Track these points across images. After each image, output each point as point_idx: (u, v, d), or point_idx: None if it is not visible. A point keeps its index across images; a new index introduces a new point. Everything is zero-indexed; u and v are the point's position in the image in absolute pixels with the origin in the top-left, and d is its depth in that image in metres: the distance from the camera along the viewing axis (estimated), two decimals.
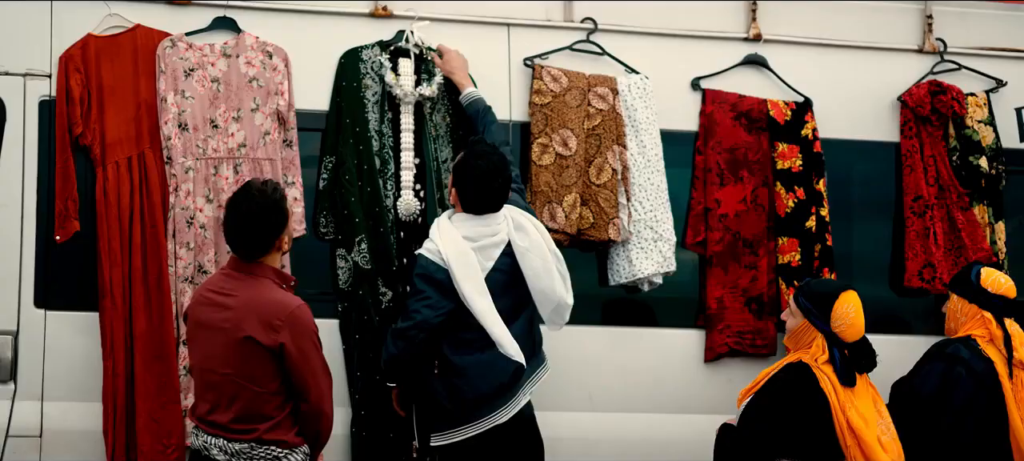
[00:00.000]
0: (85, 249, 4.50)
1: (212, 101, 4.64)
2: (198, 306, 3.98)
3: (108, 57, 4.58)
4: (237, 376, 3.84)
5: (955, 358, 4.41)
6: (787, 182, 5.13)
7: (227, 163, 4.62)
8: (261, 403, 3.85)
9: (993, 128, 5.35)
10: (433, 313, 4.22)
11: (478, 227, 4.31)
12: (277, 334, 3.81)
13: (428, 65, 4.79)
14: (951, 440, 4.36)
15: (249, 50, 4.70)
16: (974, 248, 5.21)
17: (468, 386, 4.24)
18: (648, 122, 5.01)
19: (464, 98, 4.73)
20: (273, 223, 3.94)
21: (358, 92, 4.74)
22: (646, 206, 4.96)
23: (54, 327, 4.50)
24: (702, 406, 4.91)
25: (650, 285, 4.97)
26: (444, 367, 4.28)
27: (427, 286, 4.24)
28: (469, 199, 4.32)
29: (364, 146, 4.70)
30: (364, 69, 4.76)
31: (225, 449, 3.86)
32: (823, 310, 4.16)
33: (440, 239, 4.27)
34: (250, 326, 3.82)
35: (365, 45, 4.78)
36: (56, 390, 4.49)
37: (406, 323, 4.24)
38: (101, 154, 4.53)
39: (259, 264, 3.96)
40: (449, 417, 4.26)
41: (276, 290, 3.93)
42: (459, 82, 4.74)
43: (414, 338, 4.22)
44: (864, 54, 5.32)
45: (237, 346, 3.83)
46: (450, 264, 4.22)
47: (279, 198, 3.97)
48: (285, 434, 3.89)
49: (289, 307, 3.87)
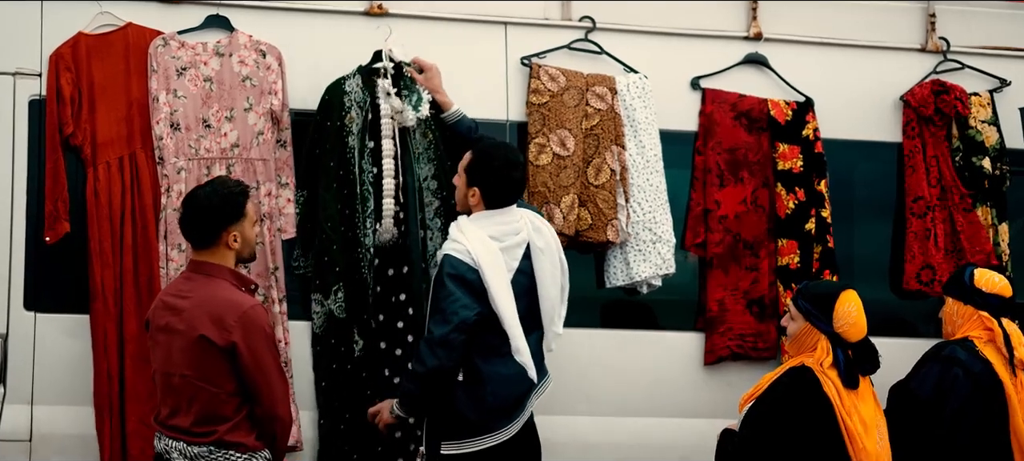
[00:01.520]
0: (75, 251, 4.47)
1: (205, 100, 4.60)
2: (157, 311, 3.99)
3: (99, 56, 4.55)
4: (194, 377, 3.84)
5: (952, 359, 4.38)
6: (788, 183, 5.10)
7: (220, 163, 4.57)
8: (218, 404, 3.85)
9: (997, 128, 5.32)
10: (470, 314, 4.08)
11: (501, 226, 4.21)
12: (229, 333, 3.81)
13: (406, 81, 4.64)
14: (947, 443, 4.33)
15: (242, 49, 4.65)
16: (973, 251, 5.18)
17: (492, 395, 4.12)
18: (647, 122, 4.97)
19: (450, 116, 4.62)
20: (221, 213, 3.93)
21: (342, 131, 4.57)
22: (645, 207, 4.93)
23: (44, 330, 4.48)
24: (701, 410, 4.88)
25: (649, 287, 4.94)
26: (469, 375, 4.14)
27: (459, 287, 4.09)
28: (493, 191, 4.22)
29: (348, 189, 4.55)
30: (348, 102, 4.59)
31: (185, 452, 3.86)
32: (825, 311, 4.11)
33: (467, 238, 4.15)
34: (203, 325, 3.82)
35: (346, 75, 4.63)
36: (46, 394, 4.47)
37: (444, 328, 4.06)
38: (92, 154, 4.50)
39: (216, 265, 3.96)
40: (468, 427, 4.13)
41: (231, 290, 3.93)
42: (443, 101, 4.63)
43: (455, 342, 4.06)
44: (866, 53, 5.29)
45: (192, 347, 3.83)
46: (480, 264, 4.10)
47: (236, 193, 3.98)
48: (244, 437, 3.88)
49: (242, 307, 3.86)
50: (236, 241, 3.98)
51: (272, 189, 4.60)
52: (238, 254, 4.02)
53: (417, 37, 4.82)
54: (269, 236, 4.58)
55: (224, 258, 3.98)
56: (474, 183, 4.25)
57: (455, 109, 4.61)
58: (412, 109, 4.56)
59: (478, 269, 4.10)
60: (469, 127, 4.61)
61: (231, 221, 3.96)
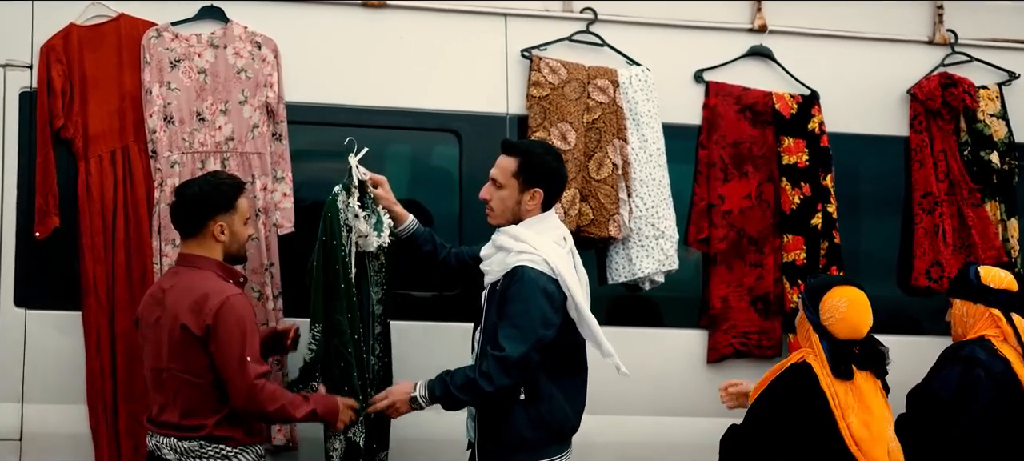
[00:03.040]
0: (66, 246, 4.44)
1: (199, 93, 4.55)
2: (145, 306, 3.98)
3: (91, 47, 4.51)
4: (178, 371, 3.83)
5: (972, 360, 4.32)
6: (793, 178, 5.06)
7: (214, 157, 4.52)
8: (203, 397, 3.83)
9: (1006, 122, 5.27)
10: (549, 331, 3.88)
11: (557, 229, 4.10)
12: (205, 320, 3.77)
13: (368, 200, 4.25)
14: (962, 443, 4.27)
15: (237, 40, 4.60)
16: (984, 247, 5.14)
17: (552, 414, 3.98)
18: (650, 115, 4.93)
19: (406, 229, 4.34)
20: (208, 202, 3.91)
21: (341, 249, 4.17)
22: (647, 202, 4.88)
23: (34, 327, 4.45)
24: (704, 409, 4.81)
25: (651, 284, 4.90)
26: (531, 393, 3.97)
27: (539, 301, 3.87)
28: (555, 188, 4.09)
29: (353, 314, 4.18)
30: (342, 219, 4.18)
31: (176, 448, 3.85)
32: (813, 302, 4.08)
33: (540, 247, 3.96)
34: (183, 314, 3.80)
35: (335, 193, 4.22)
36: (37, 392, 4.45)
37: (521, 347, 3.83)
38: (83, 148, 4.46)
39: (202, 257, 3.93)
40: (526, 447, 3.98)
41: (215, 280, 3.89)
42: (399, 212, 4.33)
43: (533, 362, 3.86)
44: (873, 46, 5.25)
45: (175, 338, 3.82)
46: (561, 273, 3.94)
47: (229, 185, 3.96)
48: (234, 430, 3.85)
49: (221, 295, 3.82)
50: (223, 233, 3.93)
51: (267, 183, 4.55)
52: (226, 248, 3.97)
53: (415, 30, 4.78)
54: (265, 231, 4.52)
55: (211, 250, 3.94)
56: (535, 184, 4.05)
57: (410, 219, 4.38)
58: (375, 233, 4.23)
59: (558, 279, 3.95)
60: (427, 234, 4.40)
61: (218, 211, 3.92)
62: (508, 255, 4.00)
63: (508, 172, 4.08)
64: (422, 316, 4.71)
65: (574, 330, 4.06)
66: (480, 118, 4.76)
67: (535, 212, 4.08)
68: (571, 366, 4.06)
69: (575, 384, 4.07)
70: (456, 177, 4.81)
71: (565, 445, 4.09)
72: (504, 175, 4.09)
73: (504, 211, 4.10)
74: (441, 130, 4.82)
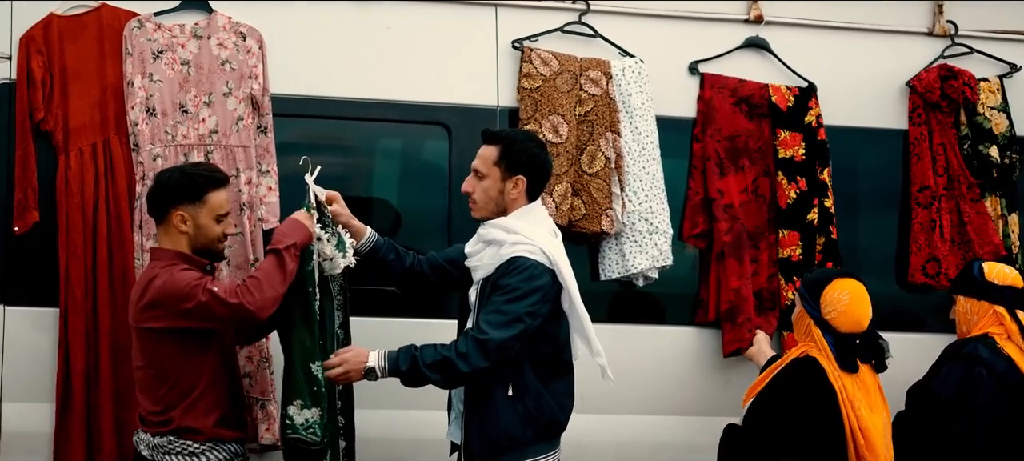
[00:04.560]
0: (46, 241, 4.39)
1: (182, 85, 4.49)
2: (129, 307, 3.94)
3: (72, 38, 4.46)
4: (144, 366, 3.81)
5: (974, 358, 4.29)
6: (789, 172, 5.01)
7: (198, 150, 4.46)
8: (167, 390, 3.79)
9: (1006, 115, 5.22)
10: (534, 322, 3.83)
11: (546, 220, 4.02)
12: (144, 301, 3.75)
13: (327, 220, 4.08)
14: (962, 442, 4.24)
15: (221, 31, 4.54)
16: (981, 243, 5.09)
17: (540, 410, 3.89)
18: (643, 108, 4.87)
19: (366, 244, 4.16)
20: (172, 190, 3.85)
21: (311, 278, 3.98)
22: (641, 197, 4.83)
23: (13, 324, 4.41)
24: (697, 407, 4.82)
25: (645, 280, 4.85)
26: (519, 389, 3.88)
27: (529, 289, 3.79)
28: (539, 177, 3.98)
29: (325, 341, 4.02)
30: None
31: (149, 443, 3.83)
32: (814, 296, 4.06)
33: (537, 237, 3.88)
34: (132, 307, 3.81)
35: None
36: (15, 390, 4.41)
37: (504, 333, 3.74)
38: (64, 141, 4.41)
39: (165, 250, 3.88)
40: (515, 445, 3.89)
41: (175, 269, 3.80)
42: (357, 227, 4.15)
43: (513, 349, 3.80)
44: (871, 37, 5.19)
45: (139, 331, 3.80)
46: (557, 263, 3.86)
47: (202, 176, 3.89)
48: (198, 421, 3.82)
49: (155, 274, 3.77)
50: (185, 224, 3.86)
51: (252, 177, 4.49)
52: (192, 242, 3.88)
53: (403, 20, 4.73)
54: (250, 226, 4.46)
55: (176, 242, 3.88)
56: (517, 171, 3.95)
57: (369, 232, 4.21)
58: (340, 254, 4.03)
59: (555, 269, 3.87)
60: (389, 244, 4.23)
61: (181, 201, 3.84)
62: (502, 247, 3.91)
63: (489, 160, 3.98)
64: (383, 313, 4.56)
65: (562, 327, 3.98)
66: (470, 111, 4.69)
67: (520, 202, 3.98)
68: (559, 364, 3.99)
69: (562, 383, 3.99)
70: (445, 171, 4.74)
71: (554, 444, 4.01)
72: (486, 164, 3.99)
73: (487, 202, 4.00)
74: (430, 123, 4.75)
